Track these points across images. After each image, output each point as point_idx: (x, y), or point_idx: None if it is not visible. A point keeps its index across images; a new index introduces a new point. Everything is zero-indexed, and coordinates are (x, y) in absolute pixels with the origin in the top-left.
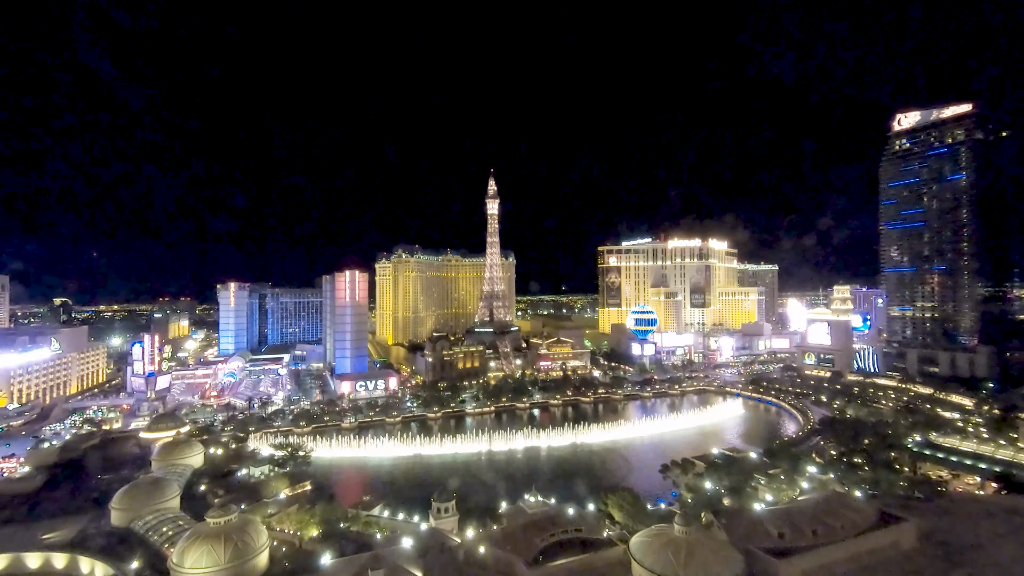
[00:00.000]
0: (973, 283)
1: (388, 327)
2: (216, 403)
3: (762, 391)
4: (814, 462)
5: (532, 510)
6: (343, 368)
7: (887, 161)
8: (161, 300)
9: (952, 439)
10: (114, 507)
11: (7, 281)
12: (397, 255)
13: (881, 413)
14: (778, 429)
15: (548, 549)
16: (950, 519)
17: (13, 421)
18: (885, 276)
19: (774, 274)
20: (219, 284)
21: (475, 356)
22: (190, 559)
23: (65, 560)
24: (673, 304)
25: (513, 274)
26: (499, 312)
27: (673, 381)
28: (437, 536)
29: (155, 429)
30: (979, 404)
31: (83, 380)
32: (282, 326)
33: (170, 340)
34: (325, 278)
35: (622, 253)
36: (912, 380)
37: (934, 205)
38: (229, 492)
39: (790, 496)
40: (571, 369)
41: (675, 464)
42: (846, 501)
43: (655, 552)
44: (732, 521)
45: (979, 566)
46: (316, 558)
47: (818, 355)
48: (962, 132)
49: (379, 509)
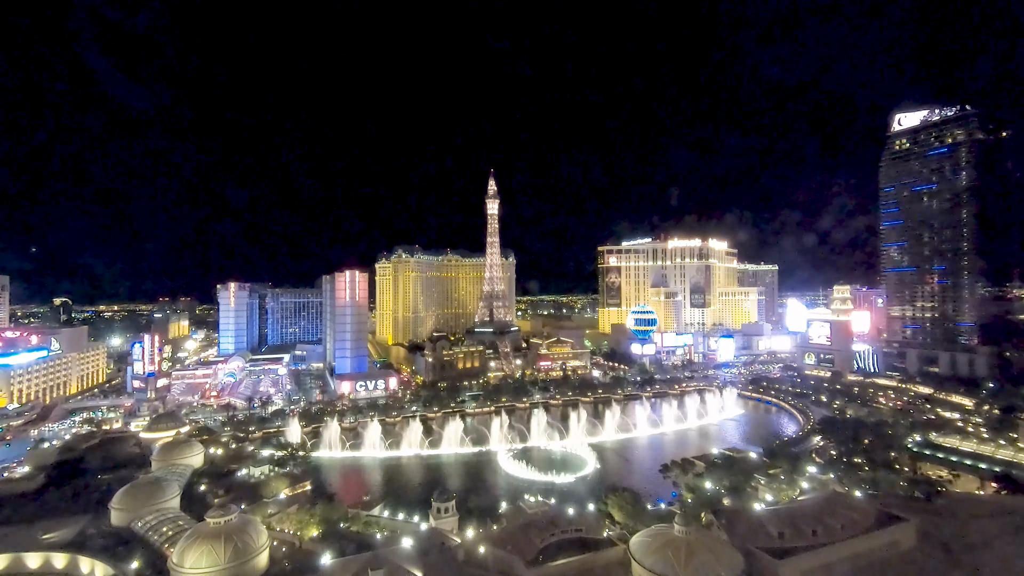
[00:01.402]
0: (973, 283)
1: (388, 327)
2: (216, 403)
3: (762, 391)
4: (814, 462)
5: (532, 510)
6: (343, 368)
7: (887, 161)
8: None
9: (952, 439)
10: (114, 507)
11: (7, 281)
12: (397, 255)
13: (881, 413)
14: (778, 429)
15: (548, 549)
16: (950, 519)
17: (13, 421)
18: (885, 276)
19: (774, 274)
20: (219, 284)
21: (475, 356)
22: (190, 559)
23: (65, 560)
24: (673, 304)
25: (513, 274)
26: (499, 312)
27: (673, 381)
28: (437, 536)
29: (155, 429)
30: (979, 404)
31: (83, 380)
32: (282, 326)
33: (170, 340)
34: (325, 278)
35: (622, 253)
36: (912, 380)
37: (934, 205)
38: (229, 492)
39: (790, 496)
40: (571, 369)
41: (675, 464)
42: (846, 501)
43: (655, 552)
44: (732, 521)
45: (979, 566)
46: (316, 558)
47: (818, 355)
48: (962, 132)
49: (379, 509)
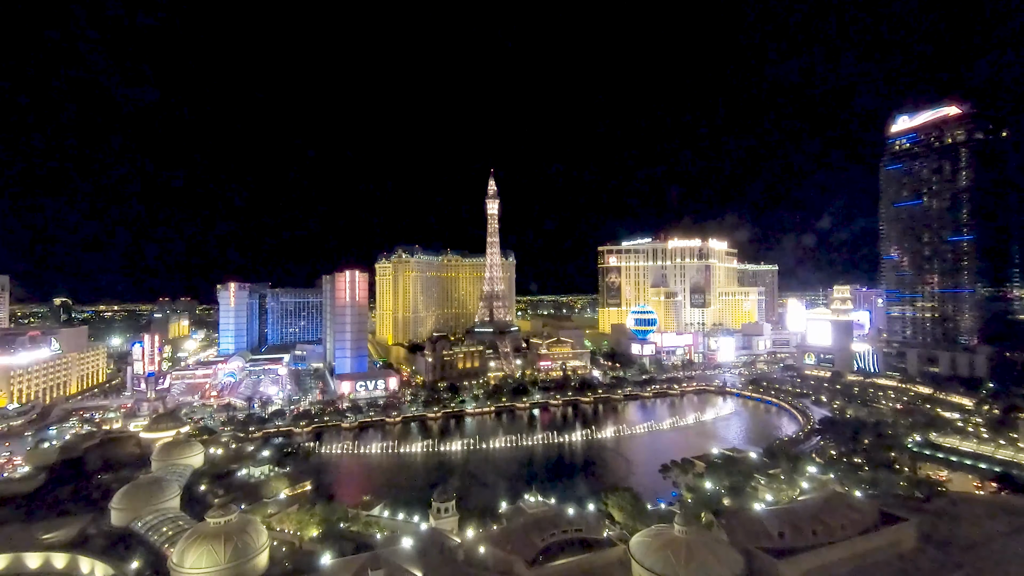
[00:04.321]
0: (973, 283)
1: (388, 327)
2: (216, 403)
3: (762, 391)
4: (814, 462)
5: (532, 510)
6: (343, 368)
7: (887, 161)
8: (161, 300)
9: (952, 439)
10: (114, 507)
11: (7, 281)
12: (397, 255)
13: (881, 413)
14: (778, 429)
15: (548, 549)
16: (950, 519)
17: (13, 421)
18: (885, 276)
19: (774, 274)
20: (219, 284)
21: (475, 356)
22: (190, 559)
23: (65, 560)
24: (673, 304)
25: (513, 274)
26: (499, 312)
27: (673, 381)
28: (437, 536)
29: (155, 429)
30: (979, 404)
31: (83, 380)
32: (282, 326)
33: (170, 340)
34: (325, 278)
35: (622, 253)
36: (912, 380)
37: (934, 205)
38: (229, 492)
39: (790, 496)
40: (571, 369)
41: (675, 464)
42: (846, 501)
43: (655, 552)
44: (732, 521)
45: (979, 566)
46: (316, 558)
47: (818, 355)
48: (962, 132)
49: (379, 509)
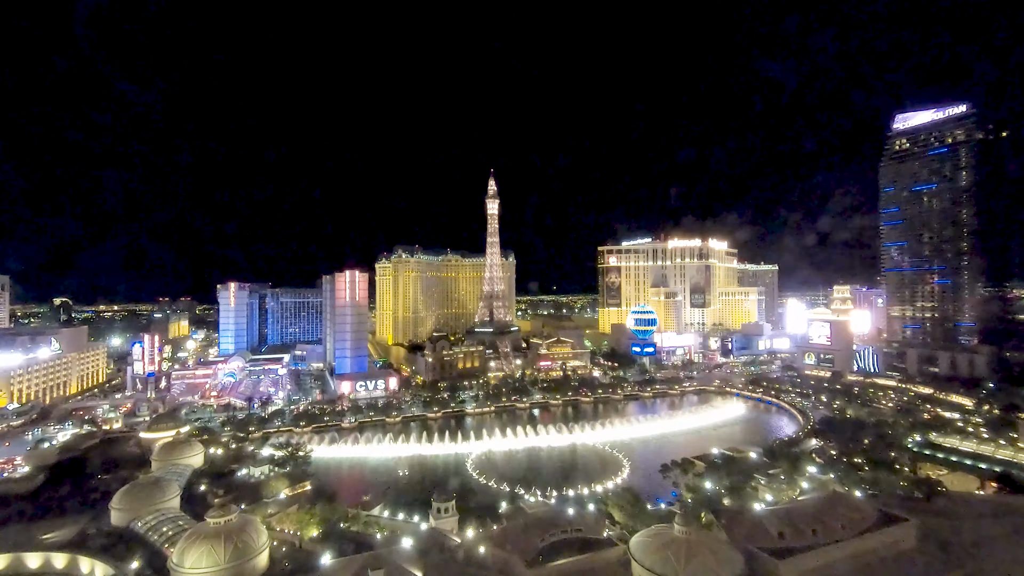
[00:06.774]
0: (973, 283)
1: (388, 327)
2: (216, 403)
3: (762, 391)
4: (814, 462)
5: (532, 510)
6: (343, 368)
7: (887, 161)
8: (161, 300)
9: (952, 439)
10: (114, 507)
11: (7, 281)
12: (397, 255)
13: (881, 413)
14: (778, 429)
15: (548, 549)
16: (950, 519)
17: (13, 421)
18: (885, 276)
19: (774, 274)
20: (219, 284)
21: (475, 356)
22: (190, 559)
23: (65, 560)
24: (673, 304)
25: (513, 274)
26: (499, 312)
27: (673, 381)
28: (437, 536)
29: (155, 429)
30: (979, 404)
31: (83, 380)
32: (282, 326)
33: (170, 340)
34: (325, 278)
35: (622, 253)
36: (912, 380)
37: (934, 205)
38: (229, 492)
39: (790, 496)
40: (571, 369)
41: (675, 464)
42: (846, 501)
43: (655, 552)
44: (732, 521)
45: (979, 566)
46: (316, 558)
47: (818, 355)
48: (962, 132)
49: (379, 509)
